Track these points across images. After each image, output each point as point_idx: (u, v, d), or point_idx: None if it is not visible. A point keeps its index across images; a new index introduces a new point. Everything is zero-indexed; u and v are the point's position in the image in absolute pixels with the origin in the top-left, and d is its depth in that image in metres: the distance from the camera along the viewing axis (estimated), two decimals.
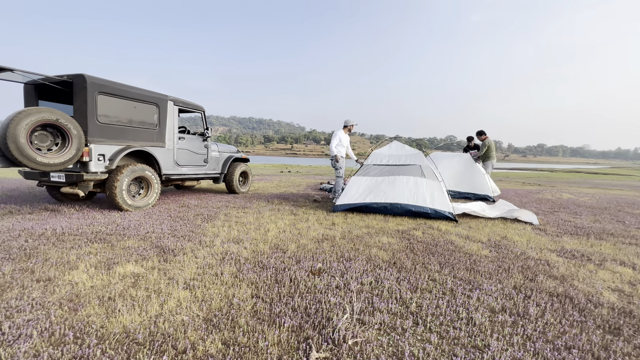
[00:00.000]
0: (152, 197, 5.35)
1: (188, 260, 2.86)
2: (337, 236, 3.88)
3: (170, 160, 5.81)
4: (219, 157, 7.22)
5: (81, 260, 2.75)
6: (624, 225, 5.24)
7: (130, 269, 2.61)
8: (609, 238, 4.31)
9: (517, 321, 2.02)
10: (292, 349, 1.68)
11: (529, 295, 2.40)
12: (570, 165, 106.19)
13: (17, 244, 3.14)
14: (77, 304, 2.03)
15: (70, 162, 4.28)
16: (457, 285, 2.54)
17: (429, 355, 1.66)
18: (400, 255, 3.22)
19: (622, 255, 3.56)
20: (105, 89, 4.63)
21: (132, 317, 1.89)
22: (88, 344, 1.62)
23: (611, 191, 11.53)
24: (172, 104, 5.77)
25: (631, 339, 1.89)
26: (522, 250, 3.56)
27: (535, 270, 2.96)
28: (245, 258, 2.99)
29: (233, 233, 3.86)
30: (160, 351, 1.61)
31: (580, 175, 26.62)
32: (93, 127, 4.53)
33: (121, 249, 3.11)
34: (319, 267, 2.81)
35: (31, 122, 3.89)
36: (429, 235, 4.12)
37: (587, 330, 1.96)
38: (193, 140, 6.36)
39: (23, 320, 1.81)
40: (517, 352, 1.70)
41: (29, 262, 2.68)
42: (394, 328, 1.91)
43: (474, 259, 3.19)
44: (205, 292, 2.25)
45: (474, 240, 3.95)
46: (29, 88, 4.91)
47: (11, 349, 1.57)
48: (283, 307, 2.07)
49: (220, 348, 1.65)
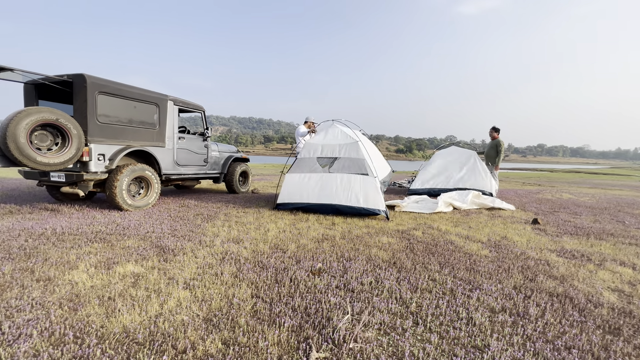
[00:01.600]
0: (152, 197, 5.35)
1: (188, 260, 2.86)
2: (337, 236, 3.88)
3: (170, 160, 5.81)
4: (219, 157, 7.22)
5: (81, 260, 2.75)
6: (623, 225, 5.24)
7: (130, 269, 2.61)
8: (609, 238, 4.31)
9: (517, 321, 2.02)
10: (292, 348, 1.68)
11: (529, 296, 2.40)
12: (570, 165, 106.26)
13: (17, 243, 3.14)
14: (77, 303, 2.03)
15: (70, 161, 4.27)
16: (457, 285, 2.54)
17: (429, 355, 1.66)
18: (400, 255, 3.22)
19: (622, 255, 3.56)
20: (105, 89, 4.63)
21: (132, 316, 1.89)
22: (88, 344, 1.62)
23: (611, 191, 11.53)
24: (172, 104, 5.77)
25: (631, 339, 1.89)
26: (522, 250, 3.56)
27: (535, 270, 2.96)
28: (245, 258, 2.99)
29: (233, 233, 3.86)
30: (160, 351, 1.61)
31: (580, 175, 26.62)
32: (93, 127, 4.53)
33: (121, 249, 3.11)
34: (319, 267, 2.81)
35: (31, 122, 3.89)
36: (429, 235, 4.12)
37: (587, 330, 1.96)
38: (193, 140, 6.36)
39: (23, 320, 1.81)
40: (517, 352, 1.70)
41: (29, 261, 2.68)
42: (394, 328, 1.91)
43: (474, 259, 3.20)
44: (205, 292, 2.25)
45: (474, 240, 3.95)
46: (28, 88, 4.91)
47: (11, 349, 1.57)
48: (283, 307, 2.07)
49: (220, 348, 1.65)
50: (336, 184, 5.06)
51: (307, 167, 5.31)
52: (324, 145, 5.34)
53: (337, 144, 5.30)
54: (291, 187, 5.32)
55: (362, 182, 4.98)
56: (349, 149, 5.21)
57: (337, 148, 5.26)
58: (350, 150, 5.19)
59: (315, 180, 5.20)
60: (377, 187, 4.96)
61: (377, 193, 4.93)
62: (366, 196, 4.91)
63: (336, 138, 5.38)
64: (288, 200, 5.31)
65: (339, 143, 5.30)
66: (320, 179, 5.17)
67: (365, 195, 4.92)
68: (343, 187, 5.01)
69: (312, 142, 5.50)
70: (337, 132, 5.50)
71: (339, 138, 5.37)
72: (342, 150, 5.23)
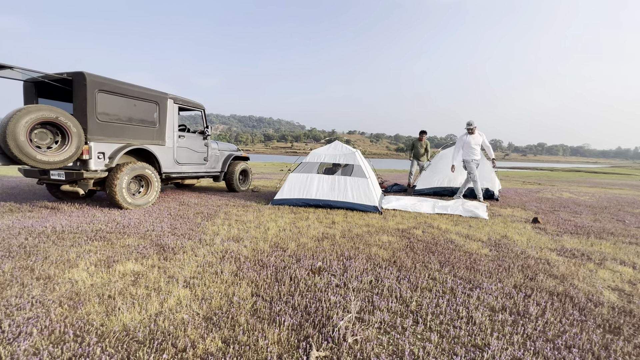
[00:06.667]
0: (152, 195, 5.34)
1: (188, 259, 2.86)
2: (337, 235, 3.88)
3: (170, 158, 5.80)
4: (219, 156, 7.22)
5: (81, 258, 2.75)
6: (624, 224, 5.24)
7: (130, 267, 2.60)
8: (609, 237, 4.31)
9: (517, 320, 2.02)
10: (292, 347, 1.68)
11: (529, 295, 2.40)
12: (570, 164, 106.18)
13: (17, 241, 3.14)
14: (77, 302, 2.03)
15: (70, 160, 4.27)
16: (457, 284, 2.54)
17: (429, 354, 1.66)
18: (401, 254, 3.22)
19: (622, 254, 3.56)
20: (105, 87, 4.61)
21: (132, 315, 1.89)
22: (88, 342, 1.62)
23: (611, 190, 11.53)
24: (172, 102, 5.76)
25: (631, 338, 1.89)
26: (522, 249, 3.55)
27: (535, 269, 2.96)
28: (245, 256, 2.98)
29: (233, 231, 3.85)
30: (160, 349, 1.61)
31: (580, 174, 26.62)
32: (93, 125, 4.52)
33: (121, 247, 3.11)
34: (319, 265, 2.80)
35: (31, 120, 3.88)
36: (429, 234, 4.12)
37: (587, 329, 1.96)
38: (193, 138, 6.35)
39: (23, 318, 1.81)
40: (517, 351, 1.70)
41: (29, 260, 2.68)
42: (394, 327, 1.91)
43: (474, 258, 3.19)
44: (205, 290, 2.25)
45: (474, 239, 3.95)
46: (28, 86, 4.90)
47: (11, 347, 1.56)
48: (283, 306, 2.07)
49: (220, 346, 1.65)
50: (335, 184, 5.82)
51: (310, 169, 6.11)
52: (327, 154, 6.29)
53: (337, 153, 6.28)
54: (293, 185, 5.92)
55: (357, 183, 5.76)
56: (347, 157, 6.14)
57: (338, 156, 6.23)
58: (348, 158, 6.12)
59: (316, 181, 5.90)
60: (370, 187, 5.69)
61: (370, 192, 5.64)
62: (359, 194, 5.65)
63: (337, 149, 6.39)
64: (288, 196, 5.82)
65: (339, 153, 6.28)
66: (320, 180, 5.91)
67: (359, 193, 5.66)
68: (339, 187, 5.77)
69: (317, 151, 6.41)
70: (339, 145, 6.53)
71: (339, 149, 6.37)
72: (342, 158, 6.18)
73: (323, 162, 6.20)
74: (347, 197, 5.62)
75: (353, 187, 5.70)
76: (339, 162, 6.16)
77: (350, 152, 6.23)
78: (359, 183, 5.73)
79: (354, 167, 5.95)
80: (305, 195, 5.76)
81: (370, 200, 5.53)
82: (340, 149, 6.35)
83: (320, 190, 5.76)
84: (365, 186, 5.68)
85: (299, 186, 5.88)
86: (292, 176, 6.05)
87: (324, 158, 6.20)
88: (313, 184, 5.86)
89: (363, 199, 5.56)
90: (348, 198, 5.61)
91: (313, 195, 5.73)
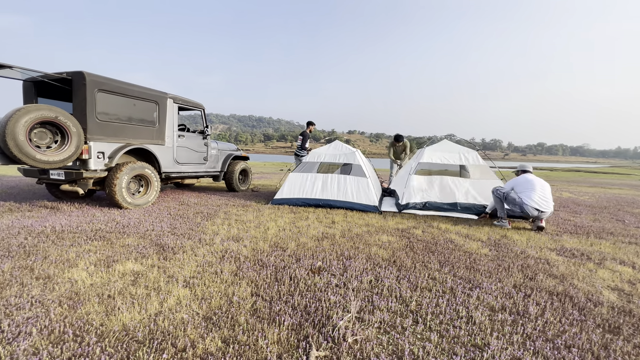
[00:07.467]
0: (152, 195, 5.34)
1: (188, 258, 2.86)
2: (337, 234, 3.88)
3: (169, 158, 5.80)
4: (218, 155, 7.21)
5: (81, 258, 2.74)
6: (623, 224, 5.24)
7: (130, 267, 2.60)
8: (609, 237, 4.31)
9: (517, 320, 2.02)
10: (292, 347, 1.67)
11: (529, 294, 2.40)
12: (570, 164, 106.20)
13: (17, 241, 3.14)
14: (76, 301, 2.02)
15: (69, 159, 4.26)
16: (457, 283, 2.54)
17: (429, 354, 1.66)
18: (400, 254, 3.22)
19: (621, 254, 3.57)
20: (104, 87, 4.61)
21: (131, 315, 1.89)
22: (87, 342, 1.62)
23: (611, 190, 11.53)
24: (171, 102, 5.76)
25: (631, 338, 1.89)
26: (522, 249, 3.56)
27: (535, 269, 2.96)
28: (245, 256, 2.98)
29: (233, 231, 3.85)
30: (160, 349, 1.61)
31: (580, 174, 26.62)
32: (92, 125, 4.52)
33: (121, 247, 3.11)
34: (319, 265, 2.80)
35: (30, 120, 3.88)
36: (428, 233, 4.12)
37: (586, 329, 1.96)
38: (193, 138, 6.35)
39: (22, 318, 1.81)
40: (517, 351, 1.70)
41: (29, 259, 2.68)
42: (394, 326, 1.91)
43: (473, 258, 3.19)
44: (205, 290, 2.25)
45: (474, 238, 3.95)
46: (28, 85, 4.89)
47: (10, 347, 1.56)
48: (283, 306, 2.07)
49: (220, 346, 1.65)
50: (334, 184, 5.81)
51: (310, 169, 6.14)
52: (327, 154, 6.27)
53: (338, 153, 6.26)
54: (293, 184, 5.93)
55: (357, 182, 5.74)
56: (347, 157, 6.12)
57: (338, 156, 6.20)
58: (348, 158, 6.10)
59: (316, 180, 5.91)
60: (370, 186, 5.68)
61: (370, 192, 5.62)
62: (359, 194, 5.62)
63: (337, 149, 6.38)
64: (288, 196, 5.81)
65: (340, 153, 6.26)
66: (320, 179, 5.91)
67: (359, 192, 5.63)
68: (339, 186, 5.76)
69: (317, 151, 6.42)
70: (339, 145, 6.51)
71: (340, 149, 6.35)
72: (342, 157, 6.16)
73: (324, 162, 6.19)
74: (347, 197, 5.60)
75: (353, 187, 5.68)
76: (339, 162, 6.15)
77: (350, 151, 6.20)
78: (359, 182, 5.71)
79: (354, 166, 5.93)
80: (305, 194, 5.76)
81: (370, 200, 5.52)
82: (341, 149, 6.34)
83: (320, 190, 5.75)
84: (365, 185, 5.66)
85: (299, 186, 5.87)
86: (292, 176, 6.05)
87: (324, 158, 6.20)
88: (313, 184, 5.85)
89: (363, 198, 5.54)
90: (348, 197, 5.60)
91: (313, 195, 5.72)
